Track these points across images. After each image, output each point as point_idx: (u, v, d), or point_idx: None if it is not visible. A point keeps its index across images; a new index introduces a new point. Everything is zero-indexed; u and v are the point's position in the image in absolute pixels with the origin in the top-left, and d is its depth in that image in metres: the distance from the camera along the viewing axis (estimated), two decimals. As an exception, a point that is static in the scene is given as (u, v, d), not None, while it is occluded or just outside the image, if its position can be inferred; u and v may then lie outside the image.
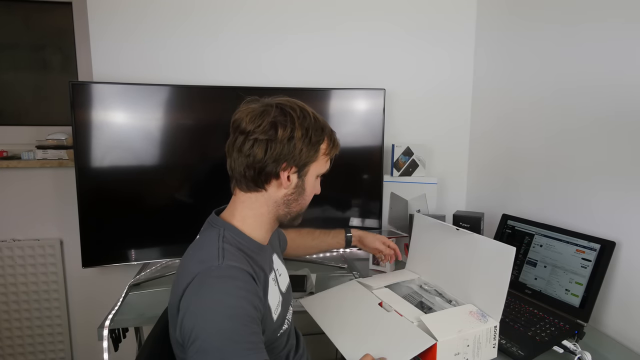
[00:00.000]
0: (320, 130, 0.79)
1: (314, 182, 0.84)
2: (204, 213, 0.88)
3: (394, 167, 1.64)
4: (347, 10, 1.62)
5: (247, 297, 0.68)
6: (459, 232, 0.99)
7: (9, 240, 1.60)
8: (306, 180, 0.81)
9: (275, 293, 0.84)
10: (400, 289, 1.06)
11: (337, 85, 1.54)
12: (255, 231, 0.81)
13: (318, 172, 0.83)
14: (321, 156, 0.81)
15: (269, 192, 0.79)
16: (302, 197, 0.82)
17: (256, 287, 0.71)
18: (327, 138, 0.81)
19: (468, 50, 1.73)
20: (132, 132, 1.35)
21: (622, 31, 1.07)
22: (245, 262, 0.73)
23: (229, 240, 0.76)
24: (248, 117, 0.76)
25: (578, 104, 1.22)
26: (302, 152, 0.77)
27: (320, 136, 0.79)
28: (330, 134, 0.82)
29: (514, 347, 0.94)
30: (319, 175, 0.84)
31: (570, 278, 1.12)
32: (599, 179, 1.15)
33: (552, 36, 1.31)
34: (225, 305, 0.65)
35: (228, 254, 0.72)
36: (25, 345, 1.65)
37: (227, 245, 0.74)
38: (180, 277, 0.72)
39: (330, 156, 0.84)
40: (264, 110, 0.76)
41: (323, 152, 0.81)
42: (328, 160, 0.84)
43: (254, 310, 0.68)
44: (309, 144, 0.77)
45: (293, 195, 0.81)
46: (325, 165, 0.84)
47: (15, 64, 1.69)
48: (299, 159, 0.77)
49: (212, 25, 1.53)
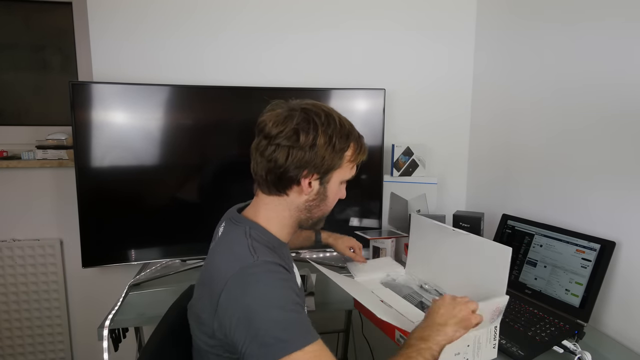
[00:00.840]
0: (345, 137, 0.78)
1: (338, 188, 0.83)
2: (204, 213, 0.89)
3: (394, 167, 1.64)
4: (347, 10, 1.62)
5: (289, 286, 0.71)
6: (456, 232, 0.99)
7: (9, 240, 1.60)
8: (328, 187, 0.81)
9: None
10: (400, 289, 1.06)
11: (337, 85, 1.54)
12: (280, 231, 0.82)
13: (342, 179, 0.82)
14: (346, 163, 0.80)
15: (290, 197, 0.79)
16: (324, 203, 0.82)
17: (292, 277, 0.75)
18: (354, 144, 0.80)
19: (468, 50, 1.73)
20: (132, 132, 1.35)
21: (622, 30, 1.07)
22: (276, 257, 0.75)
23: (256, 237, 0.77)
24: (272, 122, 0.76)
25: (578, 103, 1.22)
26: (324, 159, 0.76)
27: (345, 143, 0.78)
28: (358, 140, 0.81)
29: (514, 347, 0.94)
30: (343, 181, 0.83)
31: (570, 278, 1.12)
32: (598, 179, 1.15)
33: (551, 34, 1.31)
34: (274, 298, 0.67)
35: (259, 250, 0.73)
36: (25, 345, 1.65)
37: (255, 243, 0.76)
38: (214, 276, 0.72)
39: (356, 162, 0.83)
40: (288, 115, 0.76)
41: (348, 159, 0.80)
42: (354, 167, 0.83)
43: (297, 297, 0.70)
44: (332, 151, 0.77)
45: (315, 202, 0.81)
46: (351, 171, 0.83)
47: (15, 64, 1.70)
48: (321, 166, 0.77)
49: (211, 25, 1.53)
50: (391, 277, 1.13)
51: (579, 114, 1.21)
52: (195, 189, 1.43)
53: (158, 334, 0.85)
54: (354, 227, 1.56)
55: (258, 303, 0.66)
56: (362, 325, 1.69)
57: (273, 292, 0.68)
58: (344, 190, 0.86)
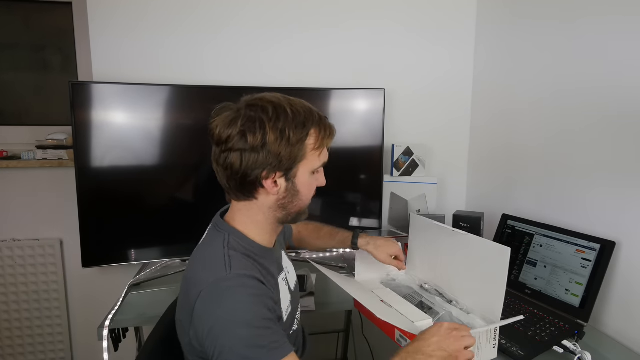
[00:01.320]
0: (301, 127, 0.72)
1: (309, 180, 0.77)
2: (204, 213, 0.88)
3: (394, 167, 1.64)
4: (347, 10, 1.61)
5: (260, 301, 0.68)
6: (455, 232, 0.99)
7: (9, 240, 1.60)
8: (297, 181, 0.75)
9: (286, 294, 0.84)
10: (400, 289, 1.06)
11: (337, 85, 1.54)
12: (259, 236, 0.79)
13: (312, 168, 0.76)
14: (310, 152, 0.74)
15: (260, 200, 0.76)
16: (297, 198, 0.77)
17: (267, 290, 0.71)
18: (315, 131, 0.74)
19: (468, 49, 1.73)
20: (132, 132, 1.35)
21: (622, 28, 1.07)
22: (252, 268, 0.72)
23: (234, 246, 0.75)
24: (219, 127, 0.72)
25: (578, 103, 1.22)
26: (280, 155, 0.71)
27: (302, 133, 0.72)
28: (319, 124, 0.75)
29: (514, 347, 0.94)
30: (315, 171, 0.77)
31: (570, 278, 1.12)
32: (598, 179, 1.15)
33: (552, 34, 1.31)
34: (241, 314, 0.65)
35: (235, 262, 0.71)
36: (25, 345, 1.65)
37: (232, 252, 0.73)
38: (189, 285, 0.72)
39: (324, 148, 0.77)
40: (233, 117, 0.71)
41: (312, 148, 0.74)
42: (322, 153, 0.77)
43: (269, 312, 0.68)
44: (288, 145, 0.71)
45: (286, 199, 0.76)
46: (320, 159, 0.77)
47: (15, 64, 1.70)
48: (280, 163, 0.72)
49: (211, 25, 1.53)
50: (391, 277, 1.13)
51: (579, 114, 1.21)
52: (195, 189, 1.43)
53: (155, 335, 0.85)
54: (354, 227, 1.56)
55: (226, 319, 0.65)
56: (362, 325, 1.69)
57: (240, 308, 0.66)
58: (322, 178, 0.80)
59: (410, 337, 0.84)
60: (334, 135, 0.77)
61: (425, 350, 0.72)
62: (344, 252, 1.60)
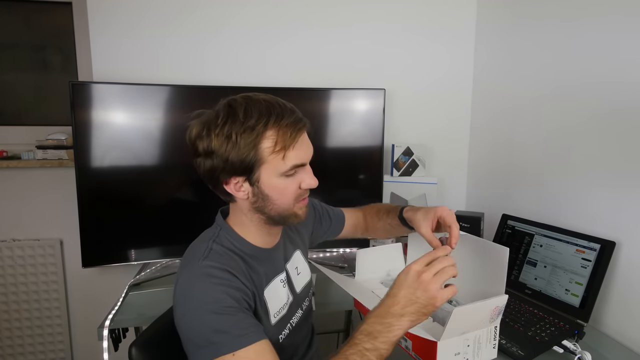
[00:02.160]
0: (249, 131, 0.68)
1: (280, 184, 0.72)
2: (203, 213, 0.88)
3: (394, 167, 1.64)
4: (346, 10, 1.61)
5: (225, 290, 0.68)
6: None
7: (9, 240, 1.60)
8: (262, 186, 0.72)
9: (281, 295, 0.83)
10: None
11: (337, 85, 1.54)
12: (252, 235, 0.79)
13: (278, 172, 0.71)
14: (270, 156, 0.70)
15: (238, 202, 0.76)
16: (269, 201, 0.73)
17: (238, 283, 0.71)
18: (273, 134, 0.69)
19: (468, 49, 1.73)
20: (132, 132, 1.35)
21: (622, 27, 1.07)
22: (231, 263, 0.73)
23: (222, 241, 0.77)
24: (187, 136, 0.74)
25: (579, 103, 1.22)
26: (230, 161, 0.69)
27: (251, 137, 0.68)
28: (277, 127, 0.69)
29: (514, 347, 0.94)
30: (287, 174, 0.72)
31: (570, 278, 1.12)
32: (598, 179, 1.15)
33: (553, 32, 1.31)
34: (206, 302, 0.67)
35: (213, 254, 0.73)
36: (25, 345, 1.65)
37: (216, 246, 0.75)
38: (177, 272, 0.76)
39: (289, 149, 0.70)
40: (189, 125, 0.74)
41: (270, 152, 0.69)
42: (286, 156, 0.70)
43: (235, 302, 0.68)
44: (237, 150, 0.68)
45: (258, 203, 0.74)
46: (285, 162, 0.71)
47: (15, 64, 1.70)
48: (234, 169, 0.70)
49: (211, 26, 1.53)
50: (391, 277, 1.13)
51: (579, 114, 1.21)
52: (195, 189, 1.43)
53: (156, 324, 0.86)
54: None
55: (194, 305, 0.67)
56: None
57: (205, 297, 0.67)
58: (307, 180, 0.75)
59: (410, 337, 0.84)
60: (297, 136, 0.71)
61: (395, 310, 0.65)
62: (344, 252, 1.60)
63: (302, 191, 0.76)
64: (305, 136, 0.75)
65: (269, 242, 0.82)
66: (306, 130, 0.75)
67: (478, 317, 0.81)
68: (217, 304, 0.67)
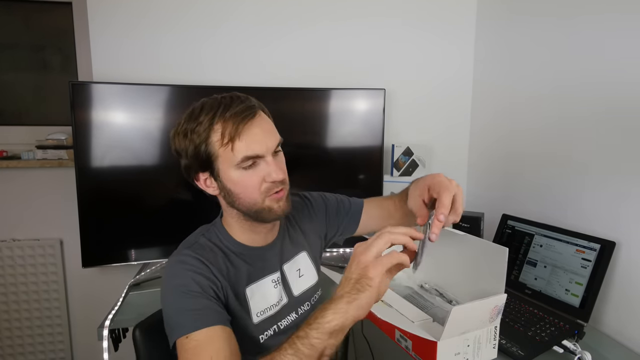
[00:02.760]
0: (199, 126, 0.71)
1: (239, 177, 0.72)
2: (203, 213, 0.88)
3: (394, 167, 1.64)
4: (346, 10, 1.61)
5: (192, 276, 0.72)
6: (453, 233, 0.99)
7: (9, 240, 1.60)
8: (224, 180, 0.74)
9: (270, 295, 0.82)
10: (400, 289, 1.06)
11: (337, 85, 1.54)
12: (237, 232, 0.81)
13: (232, 165, 0.72)
14: (220, 149, 0.71)
15: (219, 200, 0.80)
16: (234, 195, 0.74)
17: (208, 271, 0.74)
18: (220, 126, 0.70)
19: (468, 49, 1.73)
20: (132, 132, 1.35)
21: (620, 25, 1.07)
22: (207, 255, 0.76)
23: (211, 236, 0.81)
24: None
25: (578, 103, 1.22)
26: (189, 156, 0.73)
27: (200, 131, 0.71)
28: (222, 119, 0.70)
29: (514, 347, 0.94)
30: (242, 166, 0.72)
31: (570, 278, 1.12)
32: (599, 179, 1.15)
33: (553, 30, 1.31)
34: (174, 285, 0.72)
35: (196, 246, 0.77)
36: (25, 345, 1.65)
37: (203, 240, 0.79)
38: None
39: (236, 140, 0.70)
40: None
41: (220, 145, 0.70)
42: (235, 148, 0.70)
43: (199, 288, 0.71)
44: (193, 146, 0.72)
45: (227, 198, 0.76)
46: (234, 154, 0.70)
47: (15, 64, 1.70)
48: (197, 164, 0.73)
49: (211, 25, 1.53)
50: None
51: (579, 114, 1.21)
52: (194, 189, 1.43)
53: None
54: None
55: (166, 287, 0.73)
56: (362, 325, 1.69)
57: (174, 280, 0.72)
58: (274, 174, 0.73)
59: (410, 337, 0.84)
60: (243, 126, 0.70)
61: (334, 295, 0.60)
62: (344, 252, 1.60)
63: (270, 184, 0.74)
64: (257, 126, 0.73)
65: (257, 240, 0.83)
66: (255, 118, 0.73)
67: (477, 317, 0.81)
68: (183, 287, 0.71)
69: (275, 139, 0.76)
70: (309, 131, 1.51)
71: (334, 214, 0.97)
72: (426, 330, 0.81)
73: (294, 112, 1.50)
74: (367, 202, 1.00)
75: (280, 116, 1.47)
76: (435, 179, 0.72)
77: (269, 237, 0.85)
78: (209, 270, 0.74)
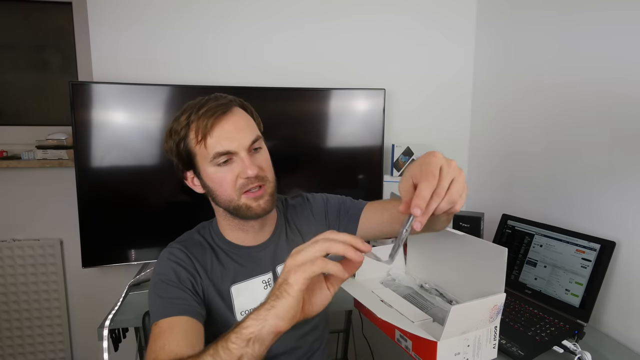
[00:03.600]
0: (178, 125, 0.75)
1: (214, 173, 0.75)
2: (203, 212, 0.88)
3: (394, 167, 1.64)
4: (346, 9, 1.61)
5: (173, 266, 0.77)
6: (452, 233, 0.99)
7: (9, 240, 1.60)
8: (204, 177, 0.77)
9: (260, 296, 0.80)
10: (400, 289, 1.06)
11: (337, 85, 1.54)
12: (226, 231, 0.84)
13: (207, 161, 0.74)
14: (195, 147, 0.75)
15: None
16: (213, 192, 0.78)
17: (190, 264, 0.78)
18: (195, 124, 0.73)
19: (469, 47, 1.73)
20: (132, 132, 1.35)
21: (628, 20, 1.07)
22: (194, 250, 0.80)
23: (204, 233, 0.85)
24: None
25: (578, 102, 1.22)
26: (174, 155, 0.78)
27: (178, 130, 0.75)
28: (197, 116, 0.73)
29: (514, 347, 0.94)
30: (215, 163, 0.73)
31: (570, 278, 1.12)
32: (599, 179, 1.15)
33: (553, 29, 1.31)
34: (157, 272, 0.77)
35: (188, 242, 0.82)
36: (25, 345, 1.65)
37: (197, 236, 0.84)
38: None
39: (207, 138, 0.72)
40: None
41: (195, 142, 0.74)
42: (207, 144, 0.73)
43: (177, 278, 0.76)
44: (174, 145, 0.77)
45: (210, 195, 0.79)
46: (207, 150, 0.73)
47: (16, 64, 1.69)
48: (181, 162, 0.78)
49: (211, 25, 1.53)
50: (391, 277, 1.13)
51: (580, 113, 1.21)
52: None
53: None
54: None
55: (152, 277, 0.78)
56: (362, 325, 1.69)
57: (158, 268, 0.78)
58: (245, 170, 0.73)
59: (410, 337, 0.84)
60: (214, 123, 0.72)
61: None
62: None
63: (244, 181, 0.74)
64: (229, 122, 0.74)
65: (247, 240, 0.84)
66: (226, 115, 0.74)
67: (477, 316, 0.81)
68: (163, 275, 0.76)
69: (250, 136, 0.75)
70: (309, 131, 1.51)
71: (334, 216, 0.95)
72: (426, 330, 0.81)
73: (294, 112, 1.50)
74: (369, 204, 0.95)
75: (281, 116, 1.49)
76: (426, 159, 0.55)
77: (259, 237, 0.85)
78: (192, 264, 0.78)
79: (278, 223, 0.90)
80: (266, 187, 0.77)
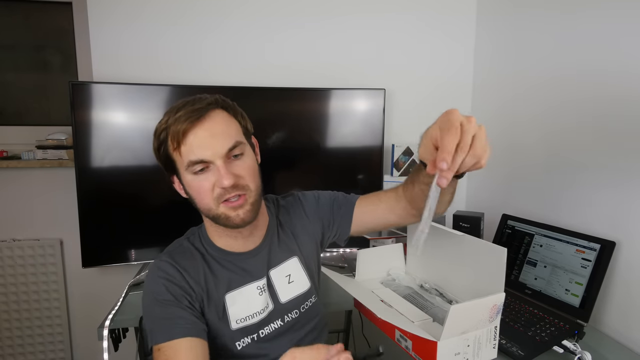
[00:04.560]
0: (159, 126, 0.73)
1: (192, 181, 0.72)
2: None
3: (394, 167, 1.64)
4: (346, 9, 1.61)
5: (165, 284, 0.74)
6: (452, 233, 0.99)
7: (9, 240, 1.60)
8: (184, 183, 0.75)
9: (254, 302, 0.81)
10: (400, 289, 1.06)
11: (337, 85, 1.54)
12: (215, 237, 0.82)
13: (184, 169, 0.72)
14: (173, 153, 0.72)
15: None
16: (194, 201, 0.75)
17: (182, 280, 0.76)
18: (172, 132, 0.70)
19: (469, 46, 1.73)
20: (132, 132, 1.35)
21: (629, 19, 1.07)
22: (184, 262, 0.77)
23: (194, 240, 0.83)
24: None
25: (578, 103, 1.22)
26: (157, 158, 0.76)
27: (156, 133, 0.74)
28: (173, 120, 0.70)
29: (514, 347, 0.94)
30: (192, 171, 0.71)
31: (570, 278, 1.12)
32: (599, 179, 1.15)
33: (553, 27, 1.31)
34: (149, 292, 0.75)
35: (178, 250, 0.80)
36: (25, 345, 1.65)
37: (186, 243, 0.82)
38: None
39: (182, 146, 0.70)
40: None
41: (172, 149, 0.71)
42: (182, 152, 0.70)
43: (172, 296, 0.74)
44: (157, 150, 0.75)
45: (191, 201, 0.77)
46: (182, 157, 0.71)
47: (16, 64, 1.69)
48: (165, 166, 0.76)
49: (211, 25, 1.53)
50: (391, 277, 1.13)
51: (580, 113, 1.21)
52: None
53: None
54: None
55: (144, 292, 0.76)
56: (362, 325, 1.69)
57: (148, 286, 0.76)
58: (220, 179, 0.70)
59: (410, 337, 0.84)
60: (186, 130, 0.69)
61: None
62: (344, 252, 1.60)
63: (221, 191, 0.71)
64: (203, 129, 0.70)
65: (237, 246, 0.82)
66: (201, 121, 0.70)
67: (477, 316, 0.81)
68: (156, 294, 0.74)
69: (226, 143, 0.70)
70: (309, 131, 1.51)
71: (327, 212, 0.92)
72: (426, 330, 0.81)
73: (294, 112, 1.50)
74: (362, 197, 0.93)
75: (281, 116, 1.49)
76: (445, 117, 0.55)
77: (250, 243, 0.83)
78: (183, 279, 0.76)
79: (270, 226, 0.87)
80: (247, 196, 0.73)
